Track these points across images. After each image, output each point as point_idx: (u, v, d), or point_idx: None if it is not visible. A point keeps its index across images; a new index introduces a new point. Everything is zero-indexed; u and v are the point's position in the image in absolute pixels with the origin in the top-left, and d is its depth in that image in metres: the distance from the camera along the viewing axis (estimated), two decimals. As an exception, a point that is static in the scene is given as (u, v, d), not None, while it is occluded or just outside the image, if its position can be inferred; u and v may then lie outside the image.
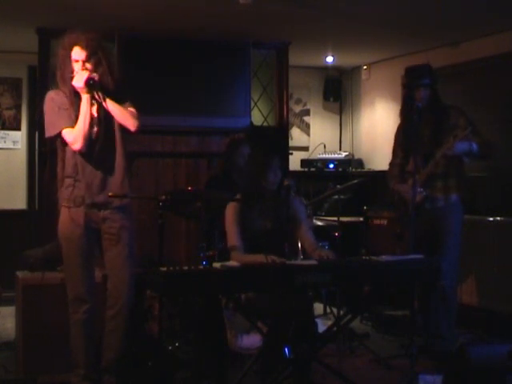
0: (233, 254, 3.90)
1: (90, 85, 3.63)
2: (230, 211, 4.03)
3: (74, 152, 3.73)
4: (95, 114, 3.74)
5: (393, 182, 4.84)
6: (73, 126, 3.69)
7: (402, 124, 4.84)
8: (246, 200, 4.01)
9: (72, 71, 3.69)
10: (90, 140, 3.71)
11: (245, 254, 3.90)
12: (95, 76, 3.64)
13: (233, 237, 3.97)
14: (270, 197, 4.05)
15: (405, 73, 4.82)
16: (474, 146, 4.48)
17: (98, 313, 3.84)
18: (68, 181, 3.78)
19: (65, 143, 3.77)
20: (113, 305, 3.79)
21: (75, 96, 3.72)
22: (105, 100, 3.66)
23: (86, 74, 3.64)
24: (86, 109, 3.68)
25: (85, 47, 3.68)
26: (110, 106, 3.69)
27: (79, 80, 3.64)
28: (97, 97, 3.67)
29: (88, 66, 3.68)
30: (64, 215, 3.80)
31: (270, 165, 3.99)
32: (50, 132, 3.76)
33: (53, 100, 3.75)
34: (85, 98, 3.68)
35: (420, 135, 4.58)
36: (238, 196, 4.07)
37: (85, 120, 3.67)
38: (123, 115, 3.74)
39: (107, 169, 3.79)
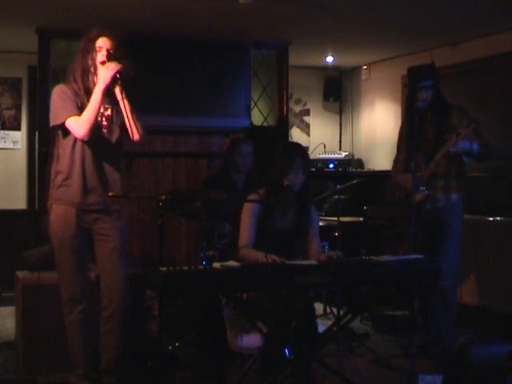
0: (241, 251, 3.88)
1: (116, 78, 3.61)
2: (249, 208, 3.98)
3: (74, 148, 3.71)
4: (103, 118, 3.73)
5: (397, 175, 4.82)
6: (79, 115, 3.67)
7: (405, 124, 4.84)
8: (268, 198, 3.97)
9: (95, 60, 3.68)
10: (97, 136, 3.69)
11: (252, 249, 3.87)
12: (124, 72, 3.63)
13: (245, 235, 3.93)
14: (292, 198, 4.03)
15: (407, 73, 4.82)
16: (475, 146, 4.48)
17: (93, 313, 3.84)
18: (60, 178, 3.76)
19: (65, 136, 3.73)
20: (107, 306, 3.78)
21: (89, 91, 3.69)
22: (125, 99, 3.63)
23: (118, 66, 3.63)
24: (99, 97, 3.63)
25: (112, 38, 3.71)
26: (127, 107, 3.66)
27: (111, 67, 3.62)
28: (118, 92, 3.64)
29: (114, 53, 3.67)
30: (56, 215, 3.78)
31: (291, 165, 3.96)
32: (56, 120, 3.72)
33: (64, 92, 3.72)
34: (100, 87, 3.63)
35: (423, 134, 4.58)
36: (261, 192, 4.03)
37: (94, 107, 3.64)
38: (134, 122, 3.70)
39: (104, 170, 3.78)
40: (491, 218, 5.68)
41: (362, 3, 5.21)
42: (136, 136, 3.74)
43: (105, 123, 3.75)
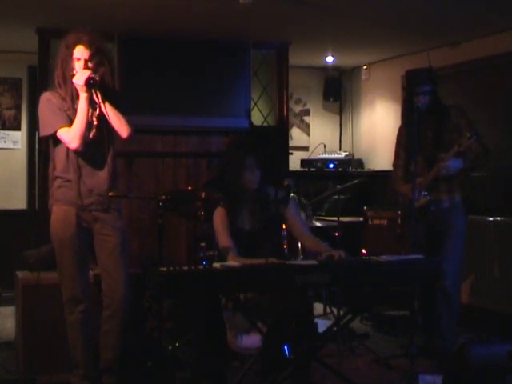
0: (229, 256, 3.88)
1: (90, 84, 3.61)
2: (218, 215, 3.98)
3: (68, 153, 3.72)
4: (93, 118, 3.74)
5: (398, 183, 4.83)
6: (69, 126, 3.68)
7: (404, 126, 4.83)
8: (229, 202, 3.98)
9: (73, 69, 3.68)
10: (86, 142, 3.70)
11: (239, 256, 3.87)
12: (96, 76, 3.64)
13: (224, 239, 3.93)
14: (255, 197, 4.02)
15: (405, 76, 4.79)
16: (463, 164, 4.51)
17: (93, 313, 3.84)
18: (59, 181, 3.77)
19: (57, 144, 3.76)
20: (108, 305, 3.78)
21: (74, 97, 3.72)
22: (103, 102, 3.65)
23: (87, 73, 3.62)
24: (84, 107, 3.66)
25: (88, 46, 3.67)
26: (108, 108, 3.67)
27: (80, 78, 3.63)
28: (95, 97, 3.65)
29: (90, 64, 3.67)
30: (56, 215, 3.79)
31: (244, 165, 3.94)
32: (45, 131, 3.74)
33: (49, 100, 3.73)
34: (83, 96, 3.65)
35: (422, 138, 4.58)
36: (217, 197, 4.03)
37: (83, 118, 3.66)
38: (118, 120, 3.72)
39: (100, 170, 3.78)
40: (491, 218, 5.68)
41: (361, 3, 5.22)
42: (124, 134, 3.75)
43: (96, 122, 3.75)
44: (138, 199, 6.16)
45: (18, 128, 7.10)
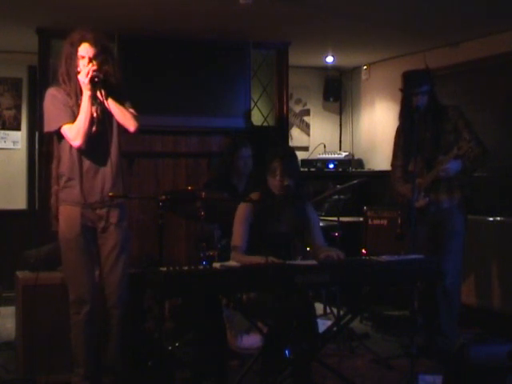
0: (233, 254, 3.89)
1: (94, 82, 3.63)
2: (242, 210, 3.98)
3: (71, 150, 3.73)
4: (96, 114, 3.74)
5: (397, 184, 4.82)
6: (73, 122, 3.68)
7: (402, 127, 4.82)
8: (262, 201, 3.97)
9: (77, 67, 3.68)
10: (89, 138, 3.70)
11: (245, 255, 3.88)
12: (100, 74, 3.64)
13: (238, 236, 3.94)
14: (286, 200, 4.02)
15: (402, 78, 4.78)
16: (462, 165, 4.51)
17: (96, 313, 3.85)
18: (63, 180, 3.78)
19: (61, 140, 3.76)
20: (107, 302, 3.79)
21: (78, 94, 3.71)
22: (107, 99, 3.66)
23: (91, 71, 3.63)
24: (87, 105, 3.67)
25: (93, 44, 3.68)
26: (112, 105, 3.69)
27: (84, 76, 3.64)
28: (99, 95, 3.66)
29: (94, 62, 3.68)
30: (62, 216, 3.80)
31: (268, 168, 3.95)
32: (50, 127, 3.75)
33: (54, 96, 3.74)
34: (86, 94, 3.67)
35: (421, 138, 4.58)
36: (254, 196, 4.03)
37: (85, 116, 3.66)
38: (124, 115, 3.73)
39: (103, 168, 3.79)
40: (491, 218, 5.68)
41: (361, 3, 5.22)
42: (131, 128, 3.77)
43: (98, 118, 3.74)
44: (138, 199, 6.16)
45: (18, 128, 7.10)
